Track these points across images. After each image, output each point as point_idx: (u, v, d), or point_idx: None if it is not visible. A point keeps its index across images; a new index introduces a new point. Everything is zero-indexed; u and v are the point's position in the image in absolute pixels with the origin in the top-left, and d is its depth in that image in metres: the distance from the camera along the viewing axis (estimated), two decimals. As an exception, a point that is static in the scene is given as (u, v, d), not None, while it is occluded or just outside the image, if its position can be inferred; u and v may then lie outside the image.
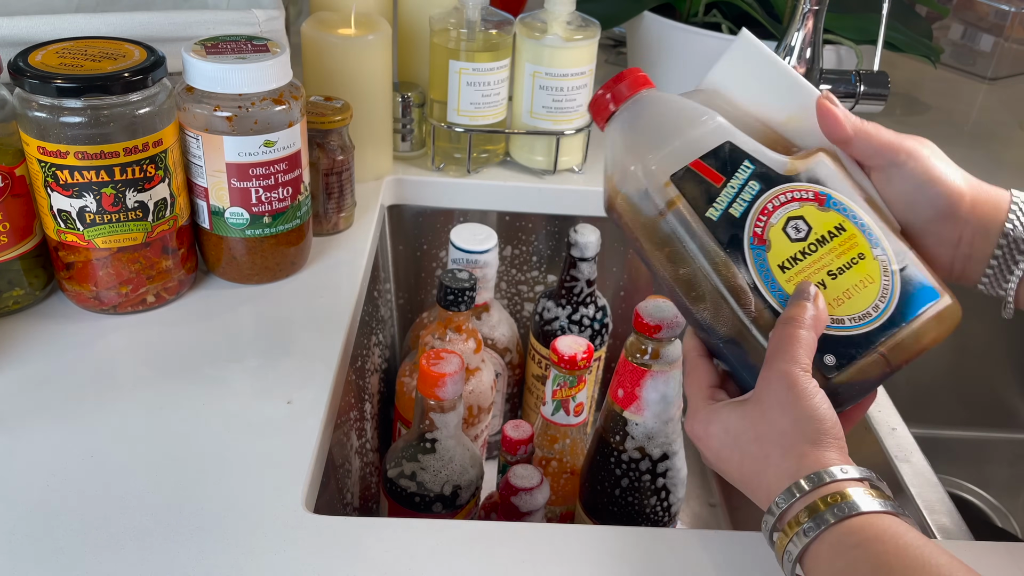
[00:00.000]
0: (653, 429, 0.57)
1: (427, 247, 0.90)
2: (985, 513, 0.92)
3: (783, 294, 0.45)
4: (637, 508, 0.60)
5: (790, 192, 0.46)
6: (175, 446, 0.52)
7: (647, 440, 0.58)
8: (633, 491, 0.59)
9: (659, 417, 0.57)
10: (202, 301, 0.66)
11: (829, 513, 0.39)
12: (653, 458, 0.58)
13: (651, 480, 0.59)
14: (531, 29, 0.81)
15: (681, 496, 0.61)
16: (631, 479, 0.59)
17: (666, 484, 0.59)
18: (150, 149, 0.58)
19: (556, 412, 0.69)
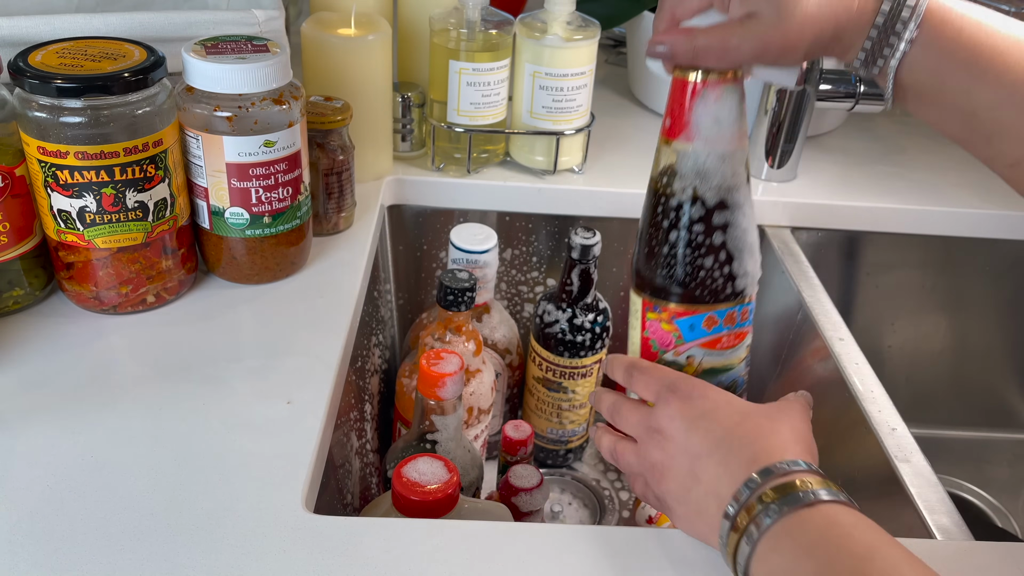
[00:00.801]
0: (706, 165, 0.48)
1: (427, 247, 0.90)
2: (985, 513, 0.92)
3: None
4: (689, 273, 0.51)
5: None
6: (175, 446, 0.52)
7: (699, 179, 0.49)
8: (685, 248, 0.50)
9: (713, 147, 0.48)
10: (202, 301, 0.66)
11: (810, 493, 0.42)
12: (707, 204, 0.49)
13: (705, 235, 0.50)
14: (531, 29, 0.81)
15: (749, 269, 0.51)
16: (680, 231, 0.50)
17: (726, 244, 0.50)
18: (150, 149, 0.58)
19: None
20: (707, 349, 0.52)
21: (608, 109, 1.04)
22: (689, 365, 0.53)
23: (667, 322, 0.52)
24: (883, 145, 1.02)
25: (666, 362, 0.53)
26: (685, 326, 0.52)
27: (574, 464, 0.91)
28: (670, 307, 0.52)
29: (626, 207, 0.87)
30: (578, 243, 0.75)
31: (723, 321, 0.52)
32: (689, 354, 0.53)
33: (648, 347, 0.54)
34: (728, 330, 0.53)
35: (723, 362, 0.53)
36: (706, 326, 0.52)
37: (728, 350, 0.53)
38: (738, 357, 0.54)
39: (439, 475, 0.51)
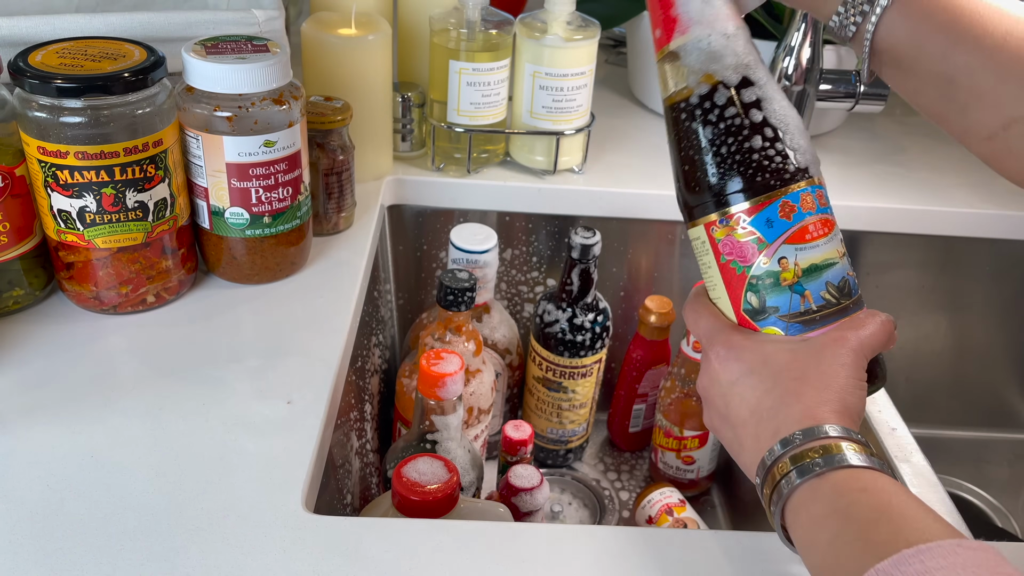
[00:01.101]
0: (712, 46, 0.46)
1: (427, 247, 0.90)
2: (985, 513, 0.92)
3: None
4: (742, 160, 0.46)
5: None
6: (175, 446, 0.52)
7: (712, 62, 0.46)
8: (727, 136, 0.46)
9: (712, 27, 0.46)
10: (202, 301, 0.66)
11: (840, 457, 0.40)
12: (730, 83, 0.46)
13: (742, 113, 0.46)
14: (531, 29, 0.81)
15: (800, 143, 0.47)
16: (715, 122, 0.46)
17: (768, 119, 0.46)
18: (150, 149, 0.58)
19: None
20: (797, 244, 0.46)
21: (608, 109, 1.04)
22: (785, 269, 0.46)
23: (740, 228, 0.46)
24: (883, 145, 1.02)
25: (760, 279, 0.46)
26: (762, 223, 0.46)
27: (574, 464, 0.91)
28: (737, 210, 0.46)
29: (626, 207, 0.87)
30: (578, 243, 0.75)
31: (800, 206, 0.46)
32: (780, 255, 0.46)
33: (731, 273, 0.47)
34: (810, 215, 0.46)
35: (822, 256, 0.46)
36: (784, 215, 0.46)
37: (821, 240, 0.46)
38: (836, 250, 0.47)
39: (439, 475, 0.51)
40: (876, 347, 0.46)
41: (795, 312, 0.46)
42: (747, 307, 0.47)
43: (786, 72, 0.85)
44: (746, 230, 0.46)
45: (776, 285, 0.46)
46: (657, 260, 0.92)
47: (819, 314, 0.46)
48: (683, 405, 0.83)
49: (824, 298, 0.46)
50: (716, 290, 0.49)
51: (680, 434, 0.84)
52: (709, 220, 0.47)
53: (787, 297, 0.46)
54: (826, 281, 0.46)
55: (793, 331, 0.47)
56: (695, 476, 0.87)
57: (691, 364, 0.82)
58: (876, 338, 0.46)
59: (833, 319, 0.46)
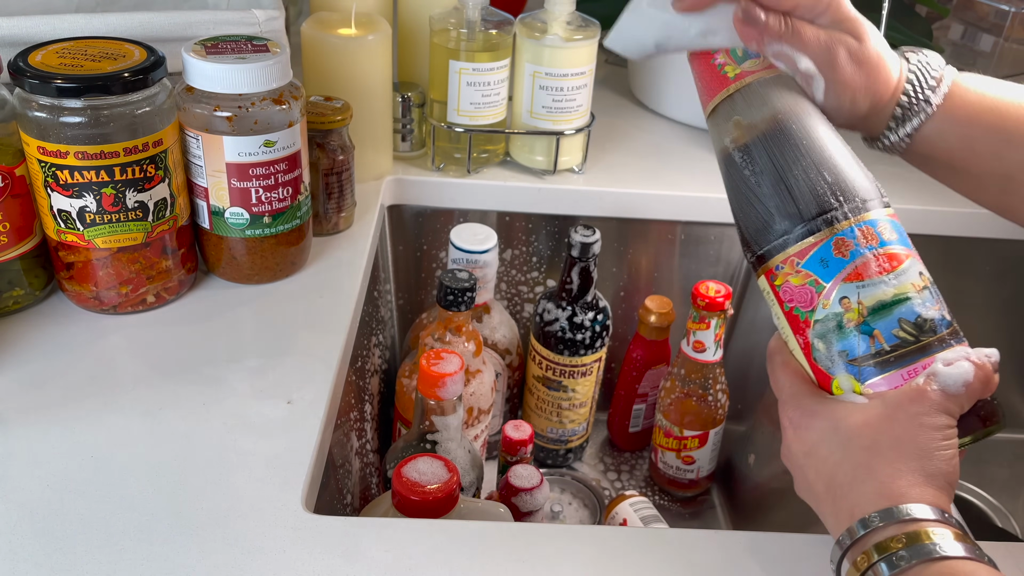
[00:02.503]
0: (748, 95, 0.49)
1: (427, 247, 0.90)
2: (985, 513, 0.92)
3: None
4: (787, 197, 0.46)
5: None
6: (175, 446, 0.52)
7: (746, 112, 0.48)
8: (771, 178, 0.47)
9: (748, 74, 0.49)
10: (202, 301, 0.66)
11: (932, 547, 0.37)
12: (759, 130, 0.48)
13: (776, 158, 0.47)
14: (531, 29, 0.81)
15: (848, 177, 0.46)
16: (757, 163, 0.47)
17: (809, 153, 0.47)
18: (150, 149, 0.58)
19: (717, 351, 0.79)
20: (858, 281, 0.44)
21: (608, 109, 1.04)
22: (849, 311, 0.44)
23: (795, 273, 0.45)
24: (883, 145, 1.02)
25: (823, 323, 0.44)
26: (815, 264, 0.45)
27: (574, 464, 0.91)
28: (789, 254, 0.45)
29: (626, 207, 0.87)
30: (578, 241, 0.75)
31: (857, 242, 0.44)
32: (842, 296, 0.44)
33: (796, 320, 0.46)
34: (871, 251, 0.44)
35: (890, 293, 0.44)
36: (840, 253, 0.44)
37: (888, 275, 0.44)
38: (910, 283, 0.44)
39: (439, 475, 0.51)
40: (967, 397, 0.41)
41: (866, 355, 0.43)
42: (816, 355, 0.45)
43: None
44: (801, 273, 0.45)
45: (840, 328, 0.44)
46: (657, 260, 0.92)
47: (894, 354, 0.43)
48: (683, 405, 0.83)
49: (898, 336, 0.43)
50: (789, 341, 0.47)
51: (680, 434, 0.84)
52: (768, 268, 0.47)
53: (855, 339, 0.44)
54: (899, 318, 0.43)
55: (867, 376, 0.44)
56: (695, 476, 0.87)
57: (691, 364, 0.82)
58: (969, 390, 0.41)
59: (912, 359, 0.43)
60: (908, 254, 0.45)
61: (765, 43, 0.48)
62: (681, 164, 0.92)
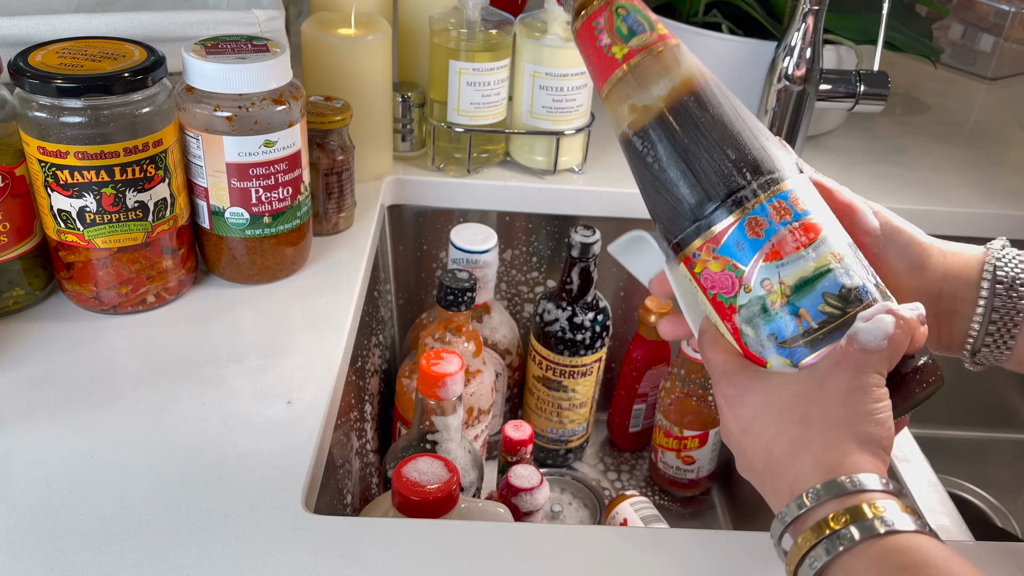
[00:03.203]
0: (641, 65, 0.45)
1: (427, 247, 0.90)
2: (985, 513, 0.92)
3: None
4: (692, 183, 0.43)
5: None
6: (175, 446, 0.52)
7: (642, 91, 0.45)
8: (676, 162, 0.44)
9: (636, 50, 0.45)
10: (202, 301, 0.66)
11: (878, 522, 0.35)
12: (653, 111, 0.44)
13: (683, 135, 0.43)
14: (531, 29, 0.81)
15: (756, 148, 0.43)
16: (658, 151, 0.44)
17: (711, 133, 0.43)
18: (150, 149, 0.58)
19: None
20: (776, 261, 0.42)
21: (608, 109, 1.03)
22: (772, 292, 0.42)
23: (713, 259, 0.43)
24: (883, 145, 1.02)
25: (748, 308, 0.43)
26: (731, 247, 0.42)
27: (574, 464, 0.91)
28: (704, 240, 0.43)
29: (626, 207, 0.87)
30: (578, 241, 0.75)
31: (771, 219, 0.42)
32: (763, 278, 0.42)
33: (720, 306, 0.44)
34: (786, 225, 0.42)
35: (811, 267, 0.42)
36: (754, 233, 0.42)
37: (804, 249, 0.42)
38: (830, 254, 0.42)
39: (439, 475, 0.51)
40: (894, 352, 0.40)
41: (794, 335, 0.42)
42: (747, 340, 0.43)
43: (786, 72, 0.85)
44: (719, 259, 0.43)
45: (765, 311, 0.42)
46: (657, 260, 0.92)
47: (822, 331, 0.41)
48: (683, 405, 0.83)
49: (824, 312, 0.41)
50: (719, 326, 0.45)
51: (680, 434, 0.84)
52: (685, 256, 0.44)
53: (781, 321, 0.42)
54: (822, 292, 0.41)
55: (799, 357, 0.42)
56: (695, 476, 0.87)
57: (691, 364, 0.82)
58: (891, 342, 0.40)
59: (842, 332, 0.41)
60: (825, 222, 0.43)
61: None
62: (681, 164, 0.92)
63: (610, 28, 0.45)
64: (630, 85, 0.45)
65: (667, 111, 0.44)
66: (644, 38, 0.45)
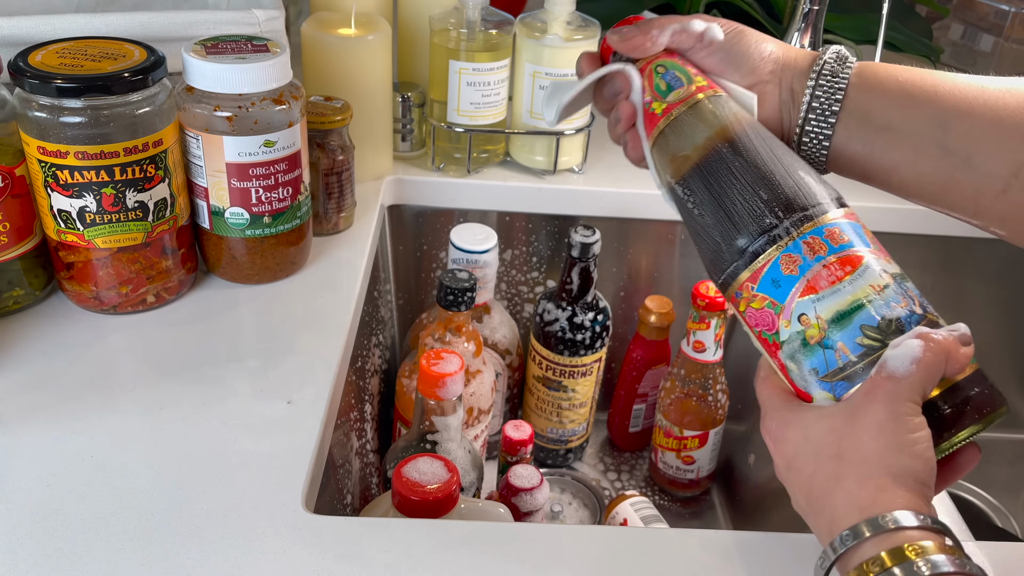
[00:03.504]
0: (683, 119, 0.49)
1: (427, 247, 0.90)
2: (985, 513, 0.92)
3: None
4: (729, 226, 0.45)
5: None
6: (175, 446, 0.52)
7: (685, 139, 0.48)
8: (714, 207, 0.46)
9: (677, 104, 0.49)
10: (202, 301, 0.66)
11: (919, 565, 0.34)
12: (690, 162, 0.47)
13: (718, 181, 0.46)
14: (531, 29, 0.81)
15: (786, 189, 0.44)
16: (699, 196, 0.47)
17: (745, 176, 0.45)
18: (150, 149, 0.58)
19: (717, 351, 0.80)
20: (812, 296, 0.42)
21: (608, 109, 1.03)
22: (809, 327, 0.42)
23: (754, 298, 0.44)
24: (883, 145, 1.02)
25: (789, 344, 0.43)
26: (768, 285, 0.43)
27: (574, 464, 0.91)
28: (743, 279, 0.44)
29: (626, 207, 0.87)
30: (578, 241, 0.75)
31: (804, 255, 0.43)
32: (800, 313, 0.42)
33: (766, 343, 0.45)
34: (820, 261, 0.42)
35: (847, 301, 0.42)
36: (788, 270, 0.43)
37: (842, 283, 0.42)
38: (869, 286, 0.42)
39: (439, 475, 0.51)
40: (921, 380, 0.39)
41: (835, 369, 0.42)
42: (792, 375, 0.44)
43: (786, 72, 0.84)
44: (758, 297, 0.44)
45: (805, 345, 0.42)
46: (657, 260, 0.92)
47: (861, 364, 0.41)
48: (683, 405, 0.83)
49: (863, 344, 0.41)
50: (771, 363, 0.46)
51: (680, 434, 0.84)
52: (730, 296, 0.46)
53: (821, 356, 0.42)
54: (860, 325, 0.41)
55: (840, 391, 0.41)
56: (695, 476, 0.87)
57: (691, 364, 0.82)
58: (921, 367, 0.38)
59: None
60: (864, 254, 0.43)
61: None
62: (681, 164, 0.92)
63: (651, 86, 0.49)
64: (669, 138, 0.48)
65: (702, 159, 0.46)
66: (680, 92, 0.48)
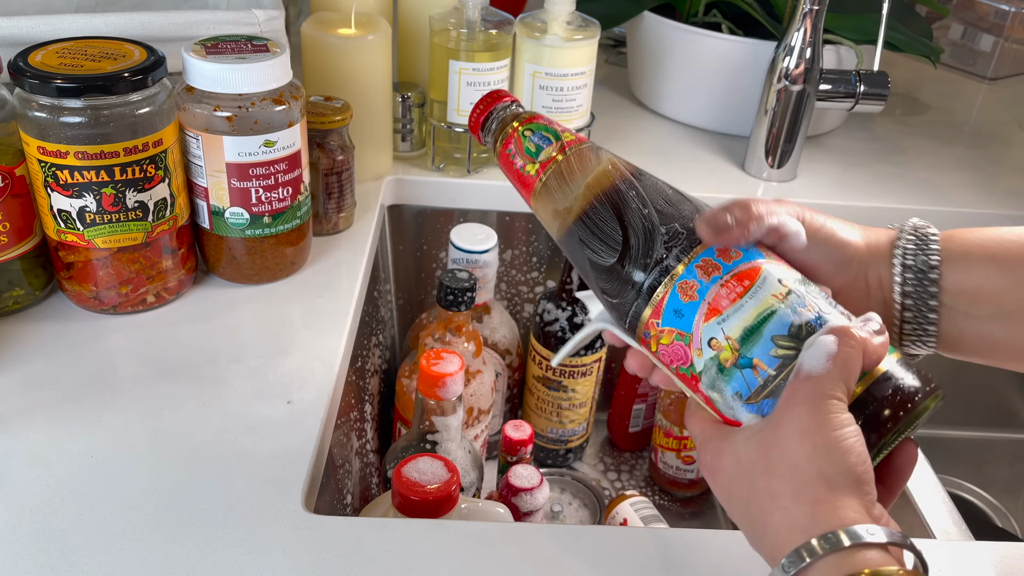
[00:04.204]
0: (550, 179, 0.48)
1: (427, 247, 0.90)
2: (985, 513, 0.92)
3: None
4: (619, 267, 0.44)
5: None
6: (175, 446, 0.52)
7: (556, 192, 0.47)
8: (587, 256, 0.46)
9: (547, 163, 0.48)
10: (202, 301, 0.66)
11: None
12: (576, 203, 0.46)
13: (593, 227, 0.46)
14: (531, 29, 0.81)
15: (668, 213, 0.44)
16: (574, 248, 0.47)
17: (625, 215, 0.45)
18: (150, 149, 0.58)
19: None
20: (716, 318, 0.41)
21: (608, 109, 1.04)
22: (721, 350, 0.41)
23: (661, 335, 0.43)
24: (883, 145, 1.02)
25: (706, 373, 0.41)
26: (670, 316, 0.42)
27: (574, 464, 0.91)
28: (646, 318, 0.43)
29: (626, 207, 0.87)
30: (578, 243, 0.75)
31: (699, 278, 0.42)
32: (709, 338, 0.41)
33: (685, 378, 0.43)
34: (717, 281, 0.41)
35: (751, 315, 0.40)
36: (686, 297, 0.42)
37: (741, 299, 0.41)
38: (771, 295, 0.41)
39: (439, 475, 0.51)
40: (846, 371, 0.36)
41: (756, 388, 0.39)
42: (718, 405, 0.41)
43: (786, 72, 0.85)
44: (666, 331, 0.42)
45: (722, 371, 0.40)
46: (657, 260, 0.92)
47: (781, 376, 0.39)
48: (683, 405, 0.83)
49: (778, 356, 0.39)
50: (695, 399, 0.44)
51: (680, 434, 0.84)
52: (640, 338, 0.44)
53: (740, 377, 0.40)
54: (771, 336, 0.39)
55: (767, 409, 0.39)
56: (695, 476, 0.87)
57: (691, 364, 0.82)
58: (838, 362, 0.36)
59: None
60: (760, 265, 0.42)
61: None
62: (681, 164, 0.92)
63: (520, 150, 0.49)
64: (548, 195, 0.48)
65: (583, 209, 0.46)
66: (550, 150, 0.48)
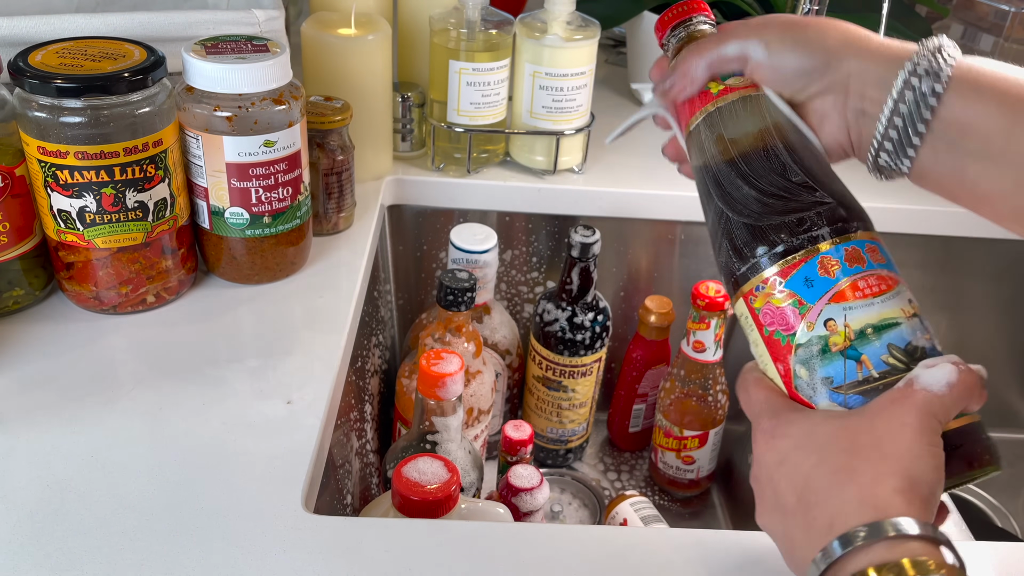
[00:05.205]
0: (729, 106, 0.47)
1: (427, 247, 0.90)
2: (985, 513, 0.92)
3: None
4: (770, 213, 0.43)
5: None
6: (175, 446, 0.52)
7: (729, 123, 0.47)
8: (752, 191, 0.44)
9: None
10: (202, 301, 0.66)
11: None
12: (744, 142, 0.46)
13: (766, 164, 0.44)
14: (531, 29, 0.81)
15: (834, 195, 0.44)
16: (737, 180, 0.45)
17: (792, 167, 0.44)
18: (150, 149, 0.58)
19: (717, 352, 0.80)
20: (844, 303, 0.40)
21: (608, 109, 1.04)
22: (835, 333, 0.40)
23: (778, 292, 0.42)
24: (883, 145, 1.02)
25: (806, 347, 0.41)
26: (799, 283, 0.41)
27: (574, 464, 0.91)
28: (772, 273, 0.42)
29: (626, 207, 0.87)
30: (578, 241, 0.75)
31: (844, 261, 0.41)
32: (827, 318, 0.40)
33: (776, 346, 0.42)
34: (859, 272, 0.41)
35: (877, 316, 0.40)
36: (825, 272, 0.41)
37: (877, 298, 0.41)
38: (900, 309, 0.41)
39: (439, 475, 0.51)
40: (952, 403, 0.37)
41: (852, 381, 0.40)
42: (798, 383, 0.42)
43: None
44: (784, 293, 0.42)
45: (825, 352, 0.40)
46: (657, 260, 0.92)
47: (882, 382, 0.39)
48: (683, 405, 0.83)
49: (887, 363, 0.40)
50: (768, 369, 0.43)
51: (680, 434, 0.84)
52: (745, 290, 0.43)
53: (840, 365, 0.40)
54: (888, 343, 0.40)
55: (852, 404, 0.40)
56: (695, 476, 0.87)
57: (691, 364, 0.82)
58: (953, 390, 0.37)
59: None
60: (899, 279, 0.42)
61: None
62: (681, 164, 0.92)
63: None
64: (723, 118, 0.46)
65: (756, 146, 0.45)
66: (740, 79, 0.48)
